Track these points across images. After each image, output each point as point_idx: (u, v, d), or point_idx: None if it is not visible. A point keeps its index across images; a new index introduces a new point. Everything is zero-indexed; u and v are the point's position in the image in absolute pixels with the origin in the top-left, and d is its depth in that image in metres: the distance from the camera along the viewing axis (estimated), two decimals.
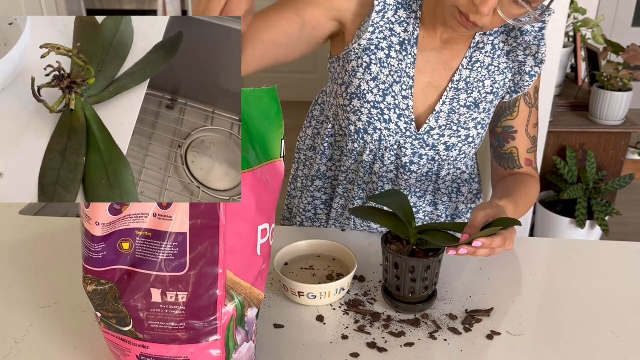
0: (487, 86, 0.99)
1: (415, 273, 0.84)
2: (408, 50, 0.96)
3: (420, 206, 1.10)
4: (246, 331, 0.68)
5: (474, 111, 1.00)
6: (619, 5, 4.17)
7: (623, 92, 2.23)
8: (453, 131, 1.00)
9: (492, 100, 1.01)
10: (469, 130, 1.01)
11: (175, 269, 0.61)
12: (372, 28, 0.94)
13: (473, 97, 0.99)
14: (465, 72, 0.98)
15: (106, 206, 0.62)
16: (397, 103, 0.97)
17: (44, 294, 0.91)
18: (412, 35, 0.95)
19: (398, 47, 0.96)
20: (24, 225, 1.13)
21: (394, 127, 0.99)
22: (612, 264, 1.01)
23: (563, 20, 1.87)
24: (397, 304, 0.87)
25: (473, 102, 1.00)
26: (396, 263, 0.85)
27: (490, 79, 0.99)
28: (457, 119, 1.00)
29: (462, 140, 1.01)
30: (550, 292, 0.93)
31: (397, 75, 0.96)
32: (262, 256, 0.68)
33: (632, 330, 0.84)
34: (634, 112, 2.43)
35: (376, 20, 0.94)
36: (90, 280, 0.64)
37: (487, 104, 1.01)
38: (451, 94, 0.99)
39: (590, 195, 2.31)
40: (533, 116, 1.04)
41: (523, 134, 1.04)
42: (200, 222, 0.61)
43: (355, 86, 0.98)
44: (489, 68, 0.99)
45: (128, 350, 0.66)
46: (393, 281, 0.86)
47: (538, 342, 0.82)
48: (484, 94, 1.00)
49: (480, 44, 0.98)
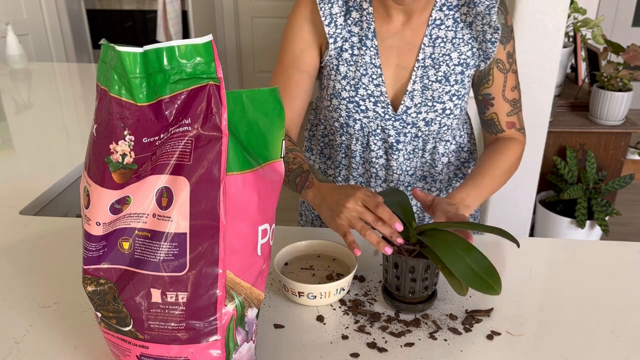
0: (454, 58, 1.06)
1: (415, 273, 0.84)
2: (368, 45, 1.06)
3: (413, 183, 1.18)
4: (246, 331, 0.68)
5: (445, 85, 1.06)
6: (619, 5, 4.17)
7: (623, 92, 2.23)
8: (429, 107, 1.07)
9: (463, 70, 1.06)
10: (444, 103, 1.07)
11: (175, 269, 0.61)
12: (332, 39, 1.06)
13: (442, 71, 1.06)
14: (428, 49, 1.05)
15: (107, 206, 0.62)
16: (370, 92, 1.07)
17: (44, 294, 0.91)
18: (368, 30, 1.05)
19: (358, 44, 1.06)
20: (24, 225, 1.13)
21: (372, 113, 1.09)
22: (612, 264, 1.01)
23: (563, 20, 1.87)
24: (397, 304, 0.87)
25: (443, 76, 1.06)
26: (396, 263, 0.85)
27: (456, 51, 1.05)
28: (430, 94, 1.07)
29: (440, 114, 1.08)
30: (550, 292, 0.93)
31: (363, 69, 1.06)
32: (262, 256, 0.68)
33: (632, 330, 0.84)
34: (634, 112, 2.43)
35: (330, 31, 1.06)
36: (89, 280, 0.64)
37: (457, 76, 1.06)
38: (419, 72, 1.06)
39: (590, 195, 2.31)
40: (509, 81, 1.09)
41: (500, 100, 1.10)
42: (200, 222, 0.61)
43: (332, 87, 1.10)
44: (453, 41, 1.05)
45: (128, 350, 0.66)
46: (393, 281, 0.86)
47: (538, 342, 0.82)
48: (452, 67, 1.06)
49: (438, 21, 1.05)
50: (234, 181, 0.63)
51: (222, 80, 0.61)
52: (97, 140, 0.62)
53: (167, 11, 3.80)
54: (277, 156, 0.68)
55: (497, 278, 0.76)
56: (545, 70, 1.94)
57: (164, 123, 0.61)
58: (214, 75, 0.61)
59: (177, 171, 0.61)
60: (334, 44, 1.06)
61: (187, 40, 0.60)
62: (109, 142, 0.61)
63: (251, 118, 0.65)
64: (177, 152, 0.61)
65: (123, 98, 0.60)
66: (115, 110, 0.61)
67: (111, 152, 0.61)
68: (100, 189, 0.62)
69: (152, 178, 0.61)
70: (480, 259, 0.77)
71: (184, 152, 0.60)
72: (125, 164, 0.62)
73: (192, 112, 0.61)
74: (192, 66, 0.60)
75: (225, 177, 0.62)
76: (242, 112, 0.64)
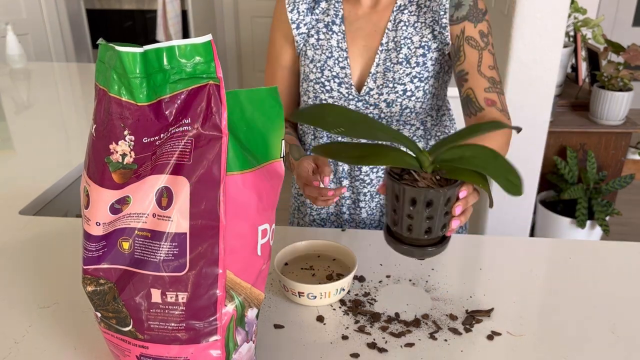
0: (415, 41, 1.08)
1: (434, 207, 0.72)
2: (334, 30, 1.11)
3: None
4: (246, 331, 0.68)
5: (406, 67, 1.08)
6: (619, 5, 4.17)
7: (623, 92, 2.23)
8: (390, 88, 1.09)
9: (425, 53, 1.08)
10: (405, 85, 1.08)
11: (175, 269, 0.61)
12: (295, 25, 1.12)
13: (403, 53, 1.08)
14: (391, 33, 1.09)
15: (106, 206, 0.62)
16: (335, 74, 1.11)
17: (44, 294, 0.91)
18: (336, 17, 1.11)
19: (324, 29, 1.12)
20: (24, 225, 1.13)
21: (337, 94, 1.12)
22: (612, 264, 1.01)
23: (563, 20, 1.87)
24: (411, 250, 0.76)
25: (404, 58, 1.08)
26: (413, 199, 0.72)
27: (418, 34, 1.08)
28: (391, 76, 1.09)
29: (400, 95, 1.09)
30: (550, 292, 0.93)
31: (329, 52, 1.11)
32: (262, 256, 0.68)
33: (632, 330, 0.84)
34: (634, 112, 2.43)
35: (293, 17, 1.11)
36: (89, 280, 0.64)
37: (418, 58, 1.08)
38: (383, 55, 1.09)
39: (590, 195, 2.31)
40: (485, 59, 1.05)
41: (476, 75, 1.05)
42: (200, 222, 0.61)
43: (302, 72, 1.15)
44: (415, 25, 1.08)
45: (128, 351, 0.66)
46: (405, 221, 0.74)
47: (538, 342, 0.81)
48: (413, 49, 1.08)
49: (403, 7, 1.09)
50: (234, 181, 0.63)
51: (222, 80, 0.61)
52: (97, 141, 0.62)
53: (167, 11, 3.80)
54: (277, 156, 0.68)
55: (519, 177, 0.70)
56: (545, 70, 1.94)
57: (164, 123, 0.61)
58: (213, 75, 0.60)
59: (177, 171, 0.61)
60: (297, 29, 1.12)
61: (186, 40, 0.59)
62: (109, 142, 0.61)
63: (250, 118, 0.65)
64: (177, 152, 0.60)
65: (123, 98, 0.60)
66: (115, 110, 0.60)
67: (111, 152, 0.61)
68: (100, 189, 0.62)
69: (152, 178, 0.61)
70: (505, 162, 0.71)
71: (184, 152, 0.60)
72: (125, 164, 0.61)
73: (192, 111, 0.61)
74: (191, 66, 0.60)
75: (225, 177, 0.62)
76: (240, 112, 0.64)
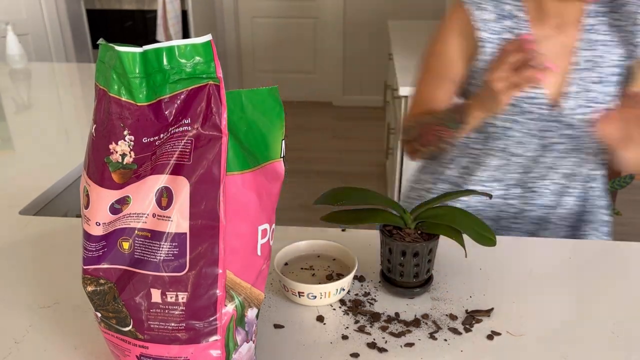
0: (609, 60, 1.09)
1: (420, 256, 0.88)
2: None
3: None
4: (246, 331, 0.68)
5: (604, 86, 1.09)
6: None
7: None
8: (590, 108, 1.09)
9: (620, 72, 1.09)
10: (605, 104, 1.09)
11: (175, 269, 0.61)
12: (484, 44, 1.11)
13: (597, 72, 1.09)
14: (585, 52, 1.09)
15: (106, 206, 0.62)
16: (528, 94, 1.10)
17: (44, 294, 0.91)
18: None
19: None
20: (24, 225, 1.13)
21: (529, 114, 1.11)
22: (612, 264, 1.01)
23: None
24: (403, 291, 0.90)
25: (598, 77, 1.09)
26: (403, 251, 0.88)
27: (611, 53, 1.09)
28: (592, 96, 1.09)
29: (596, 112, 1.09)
30: (550, 292, 0.93)
31: None
32: (262, 256, 0.68)
33: (632, 330, 0.84)
34: None
35: (484, 35, 1.10)
36: (89, 280, 0.64)
37: (614, 76, 1.09)
38: (577, 74, 1.09)
39: None
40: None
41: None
42: (200, 222, 0.61)
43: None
44: (608, 44, 1.09)
45: (128, 351, 0.66)
46: (397, 269, 0.89)
47: (538, 342, 0.81)
48: (608, 68, 1.09)
49: (588, 26, 1.09)
50: (234, 181, 0.63)
51: (222, 80, 0.61)
52: (97, 141, 0.62)
53: (167, 11, 3.80)
54: (277, 156, 0.68)
55: (491, 231, 0.87)
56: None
57: (164, 123, 0.61)
58: (213, 75, 0.60)
59: (177, 171, 0.61)
60: (487, 48, 1.10)
61: (186, 40, 0.59)
62: (109, 142, 0.61)
63: (250, 118, 0.65)
64: (177, 152, 0.61)
65: (123, 98, 0.60)
66: (115, 110, 0.61)
67: (111, 152, 0.61)
68: (100, 189, 0.62)
69: (152, 178, 0.61)
70: (475, 219, 0.89)
71: (184, 152, 0.60)
72: (125, 164, 0.62)
73: (192, 112, 0.61)
74: (191, 66, 0.60)
75: (225, 177, 0.62)
76: (241, 112, 0.64)
